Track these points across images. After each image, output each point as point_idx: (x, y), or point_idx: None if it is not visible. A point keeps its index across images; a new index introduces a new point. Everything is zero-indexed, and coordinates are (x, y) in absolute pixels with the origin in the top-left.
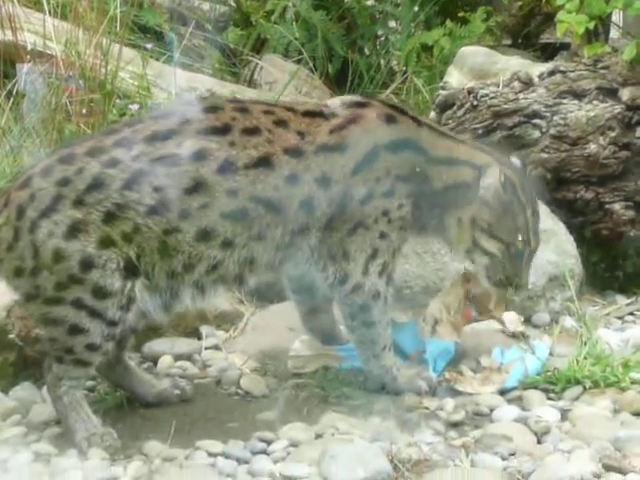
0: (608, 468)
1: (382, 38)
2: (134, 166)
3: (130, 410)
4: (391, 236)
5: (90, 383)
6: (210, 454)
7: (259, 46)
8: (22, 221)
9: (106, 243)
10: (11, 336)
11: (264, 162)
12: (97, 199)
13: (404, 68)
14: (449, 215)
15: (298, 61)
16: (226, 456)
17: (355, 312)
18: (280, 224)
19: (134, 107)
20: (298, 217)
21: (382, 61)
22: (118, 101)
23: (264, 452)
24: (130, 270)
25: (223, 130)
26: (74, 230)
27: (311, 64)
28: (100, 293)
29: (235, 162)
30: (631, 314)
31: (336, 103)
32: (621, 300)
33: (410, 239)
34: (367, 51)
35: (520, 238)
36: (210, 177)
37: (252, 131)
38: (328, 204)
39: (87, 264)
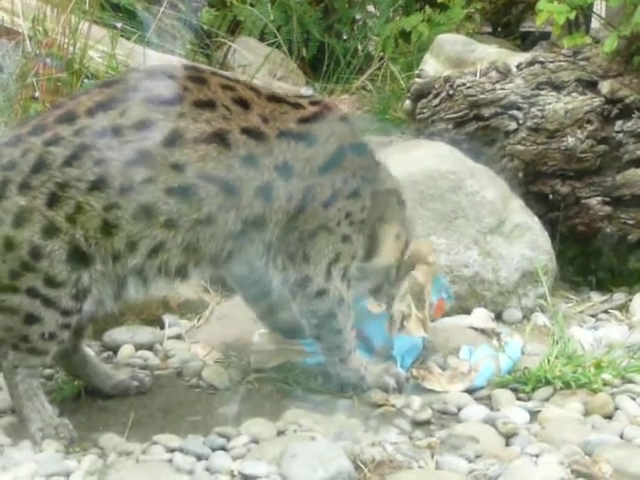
0: (577, 474)
1: (360, 22)
2: (75, 141)
3: (88, 400)
4: (352, 239)
5: (48, 371)
6: (168, 449)
7: (234, 28)
8: None
9: (50, 232)
10: None
11: (217, 138)
12: (41, 181)
13: (381, 54)
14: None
15: (274, 44)
16: (184, 451)
17: (322, 320)
18: (232, 208)
19: None
20: (253, 204)
21: (359, 46)
22: (86, 81)
23: (223, 448)
24: (79, 259)
25: (172, 100)
26: (20, 219)
27: (286, 48)
28: (52, 282)
29: (183, 135)
30: (605, 312)
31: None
32: (596, 297)
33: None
34: (344, 35)
35: None
36: (154, 149)
37: (206, 104)
38: (287, 198)
39: (36, 253)
